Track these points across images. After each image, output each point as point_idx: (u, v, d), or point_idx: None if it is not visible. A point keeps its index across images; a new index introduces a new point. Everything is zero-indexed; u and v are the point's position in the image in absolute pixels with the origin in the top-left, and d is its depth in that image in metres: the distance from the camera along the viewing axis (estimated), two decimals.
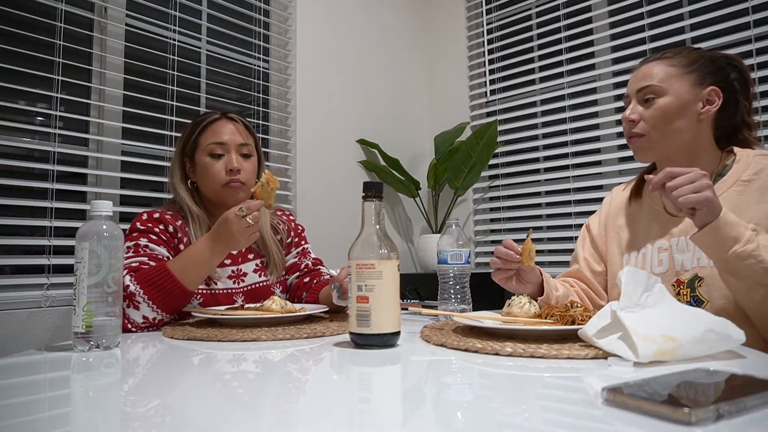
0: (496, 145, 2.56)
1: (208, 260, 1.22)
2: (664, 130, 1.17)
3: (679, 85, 1.16)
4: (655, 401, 0.49)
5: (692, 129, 1.17)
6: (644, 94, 1.19)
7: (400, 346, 0.90)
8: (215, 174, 1.37)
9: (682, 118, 1.16)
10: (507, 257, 1.15)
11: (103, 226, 0.93)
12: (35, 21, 1.70)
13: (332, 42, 2.62)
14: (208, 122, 1.40)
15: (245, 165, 1.40)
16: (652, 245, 1.20)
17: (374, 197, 0.92)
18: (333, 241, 2.01)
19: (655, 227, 1.22)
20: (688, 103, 1.16)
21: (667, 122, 1.16)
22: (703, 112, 1.16)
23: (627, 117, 1.21)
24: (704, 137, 1.19)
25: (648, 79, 1.18)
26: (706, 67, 1.18)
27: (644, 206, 1.28)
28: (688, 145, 1.18)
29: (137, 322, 1.16)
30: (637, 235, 1.26)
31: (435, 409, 0.60)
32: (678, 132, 1.17)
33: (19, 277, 1.65)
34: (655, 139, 1.18)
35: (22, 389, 0.73)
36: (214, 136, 1.39)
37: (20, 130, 1.72)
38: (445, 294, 1.22)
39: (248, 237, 1.20)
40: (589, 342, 0.79)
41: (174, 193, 1.42)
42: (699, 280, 1.12)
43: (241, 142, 1.40)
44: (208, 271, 1.27)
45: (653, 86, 1.17)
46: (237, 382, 0.73)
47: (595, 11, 2.50)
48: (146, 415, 0.57)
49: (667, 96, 1.16)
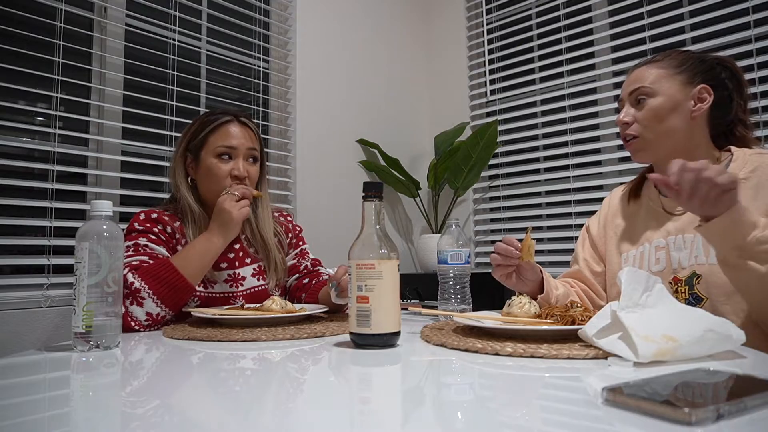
0: (496, 145, 2.56)
1: (207, 249, 1.23)
2: (657, 130, 1.19)
3: (669, 85, 1.18)
4: (655, 401, 0.49)
5: (685, 128, 1.18)
6: (636, 96, 1.21)
7: (400, 346, 0.90)
8: (220, 177, 1.35)
9: (674, 117, 1.18)
10: (507, 253, 1.15)
11: (103, 226, 0.93)
12: (35, 21, 1.70)
13: (332, 42, 2.62)
14: (220, 123, 1.38)
15: (251, 170, 1.39)
16: (650, 243, 1.21)
17: (374, 197, 0.92)
18: (333, 241, 2.01)
19: (653, 226, 1.23)
20: (679, 101, 1.18)
21: (660, 122, 1.18)
22: (695, 110, 1.17)
23: (620, 120, 1.23)
24: (699, 136, 1.20)
25: (639, 82, 1.21)
26: (695, 66, 1.20)
27: (642, 205, 1.29)
28: (684, 144, 1.19)
29: (140, 320, 1.16)
30: (634, 234, 1.27)
31: (435, 409, 0.60)
32: (671, 131, 1.18)
33: (19, 277, 1.65)
34: (649, 140, 1.20)
35: (22, 389, 0.73)
36: (224, 138, 1.36)
37: (20, 130, 1.72)
38: (445, 294, 1.22)
39: (240, 209, 1.27)
40: (589, 342, 0.79)
41: (175, 190, 1.40)
42: (697, 278, 1.12)
43: (250, 146, 1.40)
44: (210, 262, 1.28)
45: (644, 88, 1.20)
46: (237, 382, 0.73)
47: (595, 11, 2.50)
48: (146, 415, 0.57)
49: (659, 96, 1.18)
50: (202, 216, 1.37)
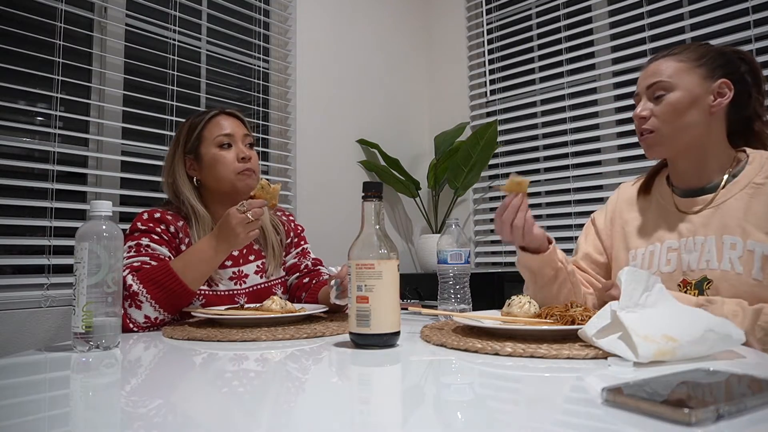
0: (496, 145, 2.56)
1: (211, 258, 1.22)
2: (675, 125, 1.15)
3: (689, 79, 1.14)
4: (655, 401, 0.49)
5: (703, 123, 1.14)
6: (654, 90, 1.17)
7: (400, 346, 0.90)
8: (227, 163, 1.37)
9: (693, 111, 1.14)
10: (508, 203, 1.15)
11: (102, 227, 0.93)
12: (35, 21, 1.70)
13: (332, 42, 2.62)
14: (210, 117, 1.41)
15: (252, 154, 1.42)
16: (661, 243, 1.19)
17: (374, 197, 0.91)
18: (333, 241, 2.01)
19: (664, 225, 1.20)
20: (699, 96, 1.13)
21: (678, 116, 1.14)
22: (715, 105, 1.14)
23: (638, 114, 1.18)
24: (716, 132, 1.16)
25: (657, 76, 1.16)
26: (715, 60, 1.16)
27: (653, 202, 1.26)
28: (700, 140, 1.15)
29: (139, 322, 1.16)
30: (644, 231, 1.24)
31: (435, 409, 0.60)
32: (689, 126, 1.14)
33: (19, 277, 1.65)
34: (666, 134, 1.16)
35: (22, 389, 0.73)
36: (219, 128, 1.40)
37: (20, 130, 1.72)
38: (445, 294, 1.22)
39: (248, 233, 1.21)
40: (589, 342, 0.79)
41: (174, 193, 1.40)
42: (708, 282, 1.10)
43: (245, 132, 1.43)
44: (211, 270, 1.27)
45: (663, 82, 1.15)
46: (237, 382, 0.73)
47: (595, 11, 2.50)
48: (146, 415, 0.57)
49: (677, 91, 1.14)
50: (206, 216, 1.38)
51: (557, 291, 1.19)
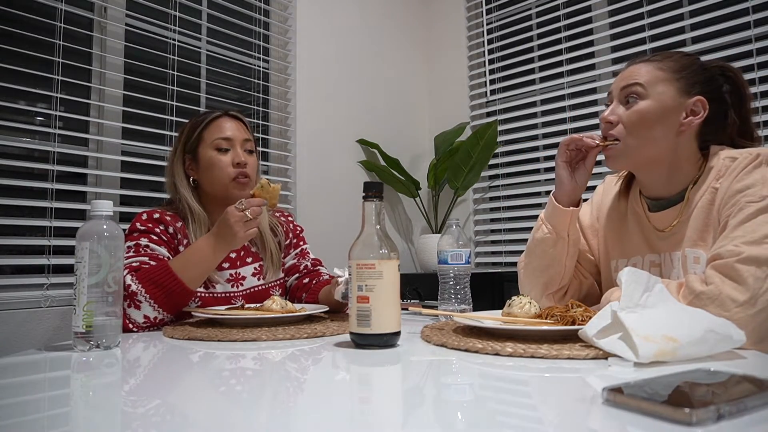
0: (496, 145, 2.56)
1: (209, 257, 1.22)
2: (641, 136, 1.08)
3: (664, 89, 1.07)
4: (655, 401, 0.49)
5: (670, 139, 1.07)
6: (626, 93, 1.10)
7: (400, 346, 0.90)
8: (222, 168, 1.37)
9: (660, 126, 1.07)
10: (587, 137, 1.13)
11: (103, 226, 0.93)
12: (35, 21, 1.70)
13: (332, 42, 2.62)
14: (212, 118, 1.42)
15: (250, 160, 1.41)
16: (643, 257, 1.15)
17: (374, 197, 0.91)
18: (333, 241, 2.01)
19: (643, 239, 1.16)
20: (671, 110, 1.06)
21: (645, 127, 1.07)
22: (685, 123, 1.07)
23: (605, 117, 1.11)
24: (684, 149, 1.09)
25: (633, 79, 1.09)
26: (696, 75, 1.09)
27: (629, 211, 1.21)
28: (665, 156, 1.09)
29: (138, 322, 1.16)
30: (625, 241, 1.20)
31: (435, 409, 0.60)
32: (654, 140, 1.07)
33: (19, 277, 1.65)
34: (631, 146, 1.09)
35: (22, 389, 0.73)
36: (219, 131, 1.40)
37: (20, 130, 1.72)
38: (445, 294, 1.22)
39: (246, 231, 1.21)
40: (589, 342, 0.79)
41: (173, 192, 1.41)
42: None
43: (245, 137, 1.42)
44: (210, 269, 1.27)
45: (637, 86, 1.08)
46: (237, 381, 0.73)
47: (595, 11, 2.50)
48: (146, 415, 0.57)
49: (649, 100, 1.07)
50: (203, 216, 1.38)
51: (559, 259, 1.18)
